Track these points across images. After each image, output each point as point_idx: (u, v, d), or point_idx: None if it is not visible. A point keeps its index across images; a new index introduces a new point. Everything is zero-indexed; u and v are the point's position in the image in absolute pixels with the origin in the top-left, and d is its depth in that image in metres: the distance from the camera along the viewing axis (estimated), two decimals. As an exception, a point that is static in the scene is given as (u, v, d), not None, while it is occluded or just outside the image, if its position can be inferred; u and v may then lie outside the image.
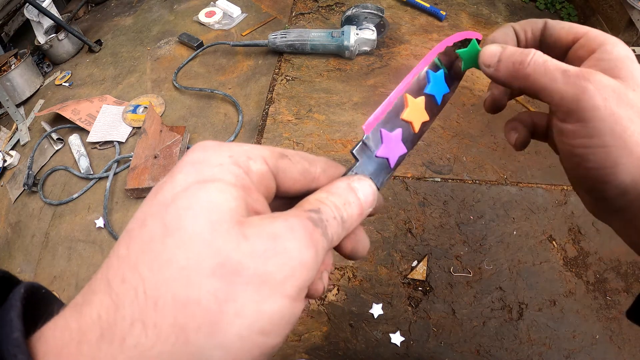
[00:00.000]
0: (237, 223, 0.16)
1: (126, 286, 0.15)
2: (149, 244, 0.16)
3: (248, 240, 0.16)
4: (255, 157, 0.19)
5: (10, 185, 1.09)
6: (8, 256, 0.97)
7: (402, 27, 1.34)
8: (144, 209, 0.17)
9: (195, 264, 0.15)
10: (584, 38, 0.25)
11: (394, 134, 0.24)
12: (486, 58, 0.26)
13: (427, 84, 0.26)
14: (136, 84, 1.27)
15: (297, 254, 0.17)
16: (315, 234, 0.17)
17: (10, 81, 1.24)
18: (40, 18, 1.30)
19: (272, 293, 0.16)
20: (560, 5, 1.41)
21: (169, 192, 0.17)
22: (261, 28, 1.39)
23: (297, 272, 0.16)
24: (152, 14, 1.53)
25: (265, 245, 0.16)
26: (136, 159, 1.01)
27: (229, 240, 0.16)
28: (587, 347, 0.76)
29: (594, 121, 0.21)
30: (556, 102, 0.23)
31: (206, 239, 0.15)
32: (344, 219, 0.19)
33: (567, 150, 0.24)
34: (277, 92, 1.18)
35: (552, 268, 0.84)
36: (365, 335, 0.78)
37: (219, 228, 0.16)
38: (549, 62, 0.23)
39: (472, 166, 0.99)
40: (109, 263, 0.16)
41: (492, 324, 0.78)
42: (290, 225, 0.17)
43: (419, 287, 0.83)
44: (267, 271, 0.16)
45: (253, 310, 0.15)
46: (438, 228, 0.90)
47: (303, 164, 0.21)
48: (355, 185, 0.21)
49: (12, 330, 0.14)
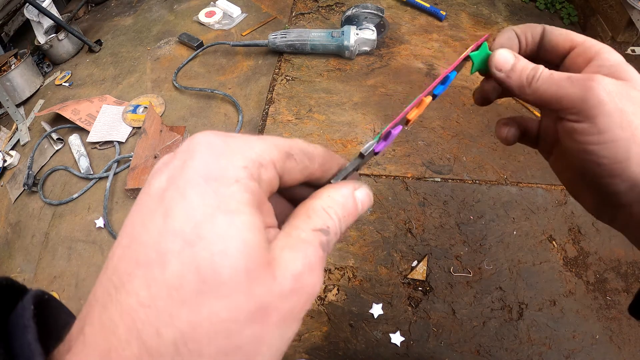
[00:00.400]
0: (267, 265, 0.16)
1: (164, 341, 0.14)
2: (179, 291, 0.14)
3: (276, 281, 0.16)
4: (266, 165, 0.18)
5: (10, 185, 1.09)
6: (8, 256, 0.97)
7: (402, 27, 1.34)
8: (154, 235, 0.15)
9: (236, 315, 0.15)
10: (581, 46, 0.27)
11: (396, 131, 0.25)
12: (500, 63, 0.27)
13: (440, 85, 0.27)
14: (136, 84, 1.27)
15: (313, 289, 0.18)
16: (324, 261, 0.19)
17: (10, 81, 1.24)
18: (40, 18, 1.30)
19: (292, 323, 0.17)
20: (560, 5, 1.41)
21: (187, 220, 0.15)
22: (261, 28, 1.39)
23: (310, 302, 0.18)
24: (152, 14, 1.53)
25: (290, 285, 0.17)
26: (136, 159, 1.01)
27: (263, 284, 0.16)
28: (587, 347, 0.76)
29: (603, 116, 0.23)
30: (565, 105, 0.24)
31: (244, 288, 0.15)
32: (342, 231, 0.21)
33: (579, 149, 0.25)
34: (277, 92, 1.18)
35: (552, 268, 0.84)
36: (365, 335, 0.78)
37: (254, 275, 0.15)
38: (554, 74, 0.25)
39: (472, 166, 0.99)
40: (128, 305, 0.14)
41: (492, 324, 0.78)
42: (309, 262, 0.17)
43: (419, 287, 0.83)
44: (290, 307, 0.17)
45: (278, 341, 0.17)
46: (438, 228, 0.90)
47: (304, 162, 0.21)
48: (358, 197, 0.21)
49: (33, 355, 0.14)
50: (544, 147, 0.32)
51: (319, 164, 0.22)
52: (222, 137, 0.18)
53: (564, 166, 0.30)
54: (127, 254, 0.16)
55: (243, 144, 0.18)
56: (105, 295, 0.15)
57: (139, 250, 0.15)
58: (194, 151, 0.17)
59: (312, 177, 0.22)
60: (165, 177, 0.17)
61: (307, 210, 0.19)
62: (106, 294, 0.15)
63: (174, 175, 0.17)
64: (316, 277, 0.18)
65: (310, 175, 0.21)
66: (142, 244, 0.15)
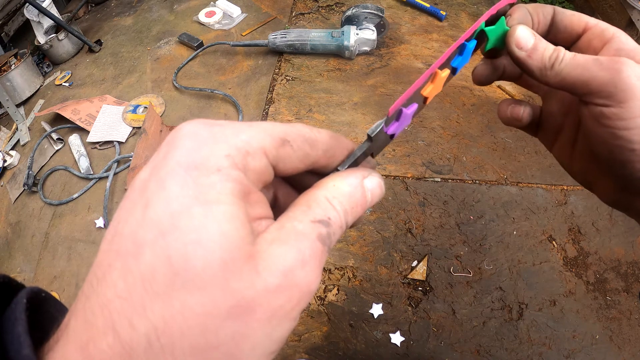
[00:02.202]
0: (248, 257, 0.15)
1: (136, 334, 0.14)
2: (152, 283, 0.14)
3: (260, 276, 0.15)
4: (254, 152, 0.17)
5: (10, 185, 1.09)
6: (8, 256, 0.97)
7: (402, 27, 1.34)
8: (132, 225, 0.15)
9: (211, 310, 0.14)
10: (595, 29, 0.26)
11: (409, 110, 0.22)
12: (521, 40, 0.25)
13: (458, 56, 0.25)
14: (136, 84, 1.27)
15: (307, 286, 0.16)
16: (323, 257, 0.17)
17: (10, 81, 1.24)
18: (40, 18, 1.30)
19: (282, 322, 0.16)
20: (560, 5, 1.41)
21: (164, 210, 0.15)
22: (261, 28, 1.39)
23: (303, 300, 0.16)
24: (152, 14, 1.53)
25: (277, 280, 0.15)
26: (136, 159, 1.01)
27: (242, 279, 0.15)
28: (587, 347, 0.76)
29: (635, 100, 0.22)
30: (594, 89, 0.23)
31: (220, 282, 0.14)
32: (347, 224, 0.19)
33: (608, 134, 0.24)
34: (277, 92, 1.18)
35: (552, 268, 0.84)
36: (365, 335, 0.78)
37: (232, 267, 0.15)
38: (577, 56, 0.24)
39: (472, 166, 0.99)
40: (106, 297, 0.14)
41: (492, 324, 0.78)
42: (302, 257, 0.16)
43: (419, 287, 0.83)
44: (278, 305, 0.15)
45: (265, 340, 0.15)
46: (438, 228, 0.90)
47: (304, 149, 0.19)
48: (367, 185, 0.20)
49: (22, 347, 0.14)
50: (545, 135, 0.30)
51: (322, 150, 0.20)
52: (208, 125, 0.17)
53: (577, 154, 0.28)
54: (108, 247, 0.15)
55: (230, 131, 0.17)
56: (89, 287, 0.15)
57: (119, 242, 0.15)
58: (178, 140, 0.17)
59: (317, 165, 0.20)
60: (149, 168, 0.17)
61: (308, 200, 0.18)
62: (90, 286, 0.15)
63: (156, 166, 0.16)
64: (311, 273, 0.16)
65: (314, 163, 0.20)
66: (121, 236, 0.15)
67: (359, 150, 0.21)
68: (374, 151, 0.22)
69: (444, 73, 0.23)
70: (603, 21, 0.26)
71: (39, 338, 0.15)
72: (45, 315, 0.18)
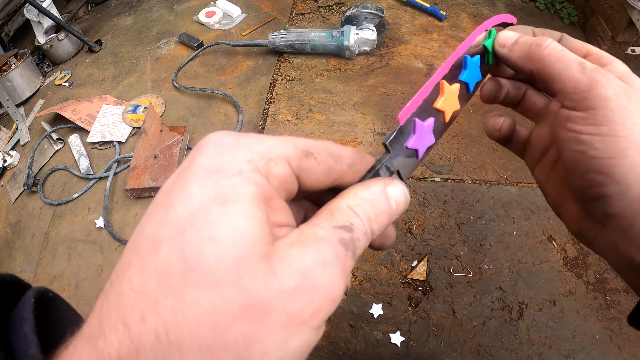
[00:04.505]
0: (264, 257, 0.15)
1: (146, 328, 0.14)
2: (167, 278, 0.14)
3: (276, 276, 0.15)
4: (277, 159, 0.17)
5: (10, 185, 1.09)
6: (8, 256, 0.97)
7: (402, 27, 1.34)
8: (154, 225, 0.15)
9: (221, 307, 0.14)
10: (596, 55, 0.26)
11: (426, 123, 0.22)
12: (502, 39, 0.27)
13: (464, 70, 0.25)
14: (136, 84, 1.27)
15: (328, 290, 0.15)
16: (347, 262, 0.16)
17: (10, 81, 1.24)
18: (40, 18, 1.30)
19: (299, 329, 0.15)
20: (560, 5, 1.41)
21: (184, 209, 0.15)
22: (261, 28, 1.39)
23: (325, 306, 0.15)
24: (152, 14, 1.53)
25: (295, 282, 0.15)
26: (136, 159, 1.01)
27: (256, 278, 0.14)
28: (587, 347, 0.76)
29: (605, 110, 0.22)
30: (568, 89, 0.24)
31: (233, 279, 0.14)
32: (373, 232, 0.18)
33: (572, 138, 0.24)
34: (277, 92, 1.18)
35: (552, 268, 0.84)
36: (365, 335, 0.78)
37: (245, 265, 0.14)
38: (566, 51, 0.25)
39: (472, 166, 0.99)
40: (122, 292, 0.15)
41: (492, 324, 0.78)
42: (322, 258, 0.16)
43: (419, 287, 0.83)
44: (296, 309, 0.15)
45: (280, 347, 0.14)
46: (438, 228, 0.90)
47: (328, 162, 0.19)
48: (390, 192, 0.19)
49: (29, 346, 0.14)
50: (531, 155, 0.30)
51: (347, 164, 0.20)
52: (233, 135, 0.17)
53: (551, 174, 0.28)
54: (131, 246, 0.16)
55: (254, 140, 0.17)
56: (109, 286, 0.15)
57: (140, 242, 0.15)
58: (203, 148, 0.17)
59: (343, 181, 0.20)
60: (175, 174, 0.17)
61: (330, 209, 0.18)
62: (110, 284, 0.15)
63: (180, 172, 0.17)
64: (333, 276, 0.15)
65: (340, 178, 0.20)
66: (142, 235, 0.16)
67: (378, 163, 0.21)
68: (400, 169, 0.22)
69: (454, 87, 0.24)
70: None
71: (47, 338, 0.15)
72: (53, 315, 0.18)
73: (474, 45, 0.26)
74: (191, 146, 1.08)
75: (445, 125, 0.24)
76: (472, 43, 0.26)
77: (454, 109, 0.24)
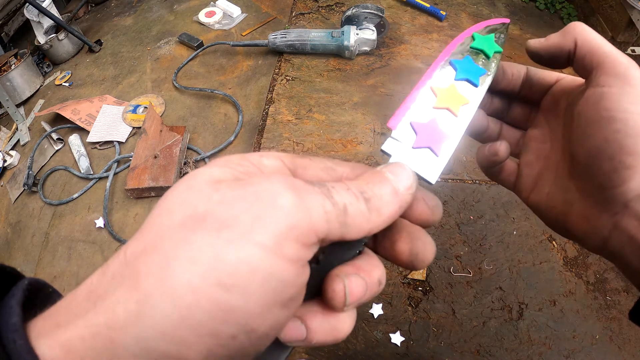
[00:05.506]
0: (215, 182, 0.16)
1: (117, 254, 0.16)
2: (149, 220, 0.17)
3: (219, 191, 0.15)
4: (268, 156, 0.19)
5: (10, 185, 1.09)
6: (8, 256, 0.97)
7: (402, 27, 1.34)
8: None
9: (166, 219, 0.15)
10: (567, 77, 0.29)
11: (427, 123, 0.23)
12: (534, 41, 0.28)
13: (455, 72, 0.27)
14: (136, 84, 1.27)
15: (270, 196, 0.15)
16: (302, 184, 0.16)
17: (10, 81, 1.24)
18: (40, 18, 1.30)
19: (237, 239, 0.14)
20: (560, 5, 1.41)
21: None
22: (261, 28, 1.39)
23: (269, 215, 0.14)
24: (152, 14, 1.53)
25: (235, 192, 0.15)
26: (136, 159, 1.01)
27: (201, 194, 0.15)
28: (587, 347, 0.76)
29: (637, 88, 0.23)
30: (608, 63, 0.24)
31: (180, 198, 0.16)
32: (367, 197, 0.18)
33: (605, 119, 0.23)
34: (277, 92, 1.18)
35: (552, 268, 0.84)
36: (365, 335, 0.78)
37: (194, 186, 0.16)
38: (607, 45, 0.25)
39: (472, 166, 0.99)
40: None
41: (492, 324, 0.78)
42: (269, 175, 0.16)
43: (419, 287, 0.83)
44: (232, 215, 0.14)
45: (210, 256, 0.14)
46: (438, 228, 0.90)
47: (325, 163, 0.20)
48: (381, 169, 0.20)
49: (11, 316, 0.15)
50: (525, 184, 0.30)
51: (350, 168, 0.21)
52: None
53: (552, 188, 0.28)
54: None
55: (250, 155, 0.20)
56: None
57: None
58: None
59: None
60: None
61: None
62: None
63: None
64: (277, 187, 0.15)
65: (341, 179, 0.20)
66: None
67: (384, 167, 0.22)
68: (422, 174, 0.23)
69: (448, 87, 0.26)
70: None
71: None
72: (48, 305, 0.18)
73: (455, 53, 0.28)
74: (191, 146, 1.08)
75: (460, 119, 0.25)
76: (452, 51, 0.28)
77: (461, 104, 0.25)
